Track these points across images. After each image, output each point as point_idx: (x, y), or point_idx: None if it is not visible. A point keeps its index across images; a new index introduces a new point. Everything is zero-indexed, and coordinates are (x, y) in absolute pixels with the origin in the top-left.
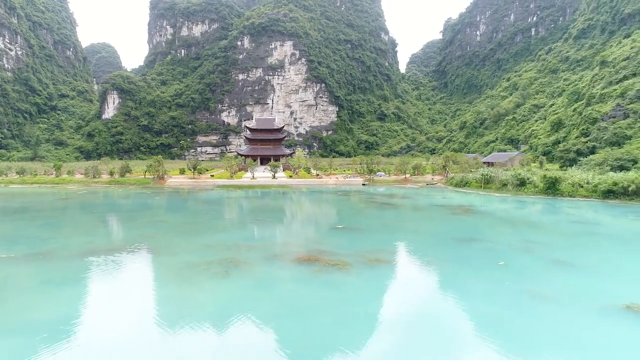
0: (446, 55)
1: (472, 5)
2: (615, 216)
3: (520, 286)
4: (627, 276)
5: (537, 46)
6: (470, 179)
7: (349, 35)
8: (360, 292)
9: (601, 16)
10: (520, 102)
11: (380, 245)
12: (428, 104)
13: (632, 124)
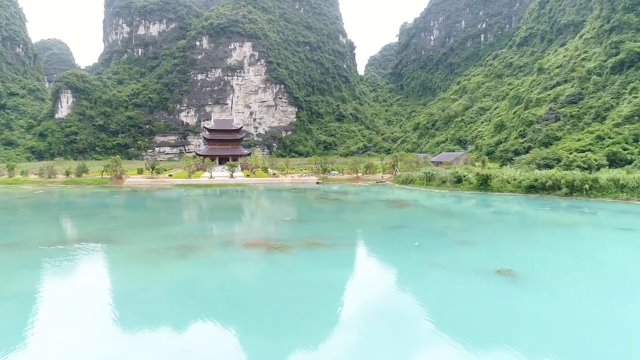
0: (402, 59)
1: (426, 11)
2: (527, 207)
3: (424, 259)
4: (508, 251)
5: (485, 52)
6: (414, 177)
7: (308, 37)
8: (296, 266)
9: (541, 25)
10: (469, 105)
11: (320, 233)
12: (385, 106)
13: (562, 126)
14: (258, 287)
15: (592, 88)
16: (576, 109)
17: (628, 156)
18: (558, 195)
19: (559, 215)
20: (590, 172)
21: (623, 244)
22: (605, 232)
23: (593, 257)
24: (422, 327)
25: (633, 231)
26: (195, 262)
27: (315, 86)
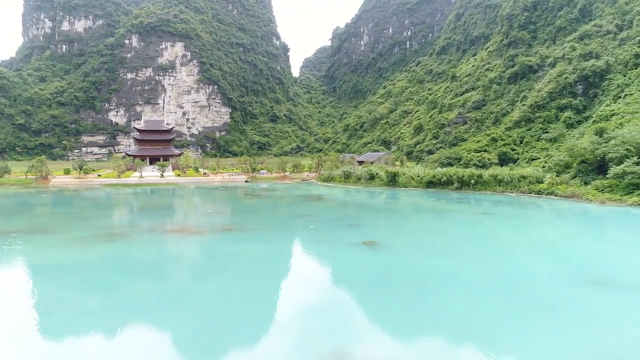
0: (335, 62)
1: (356, 17)
2: (420, 199)
3: (314, 237)
4: (381, 229)
5: (411, 58)
6: (335, 175)
7: (241, 39)
8: (211, 245)
9: (457, 36)
10: (393, 108)
11: (237, 221)
12: (318, 107)
13: (468, 129)
14: (176, 258)
15: (493, 95)
16: (480, 114)
17: (515, 155)
18: (451, 189)
19: (440, 204)
20: (485, 169)
21: (472, 223)
22: (466, 215)
23: (443, 232)
24: (303, 276)
25: (489, 214)
26: (123, 244)
27: (249, 87)
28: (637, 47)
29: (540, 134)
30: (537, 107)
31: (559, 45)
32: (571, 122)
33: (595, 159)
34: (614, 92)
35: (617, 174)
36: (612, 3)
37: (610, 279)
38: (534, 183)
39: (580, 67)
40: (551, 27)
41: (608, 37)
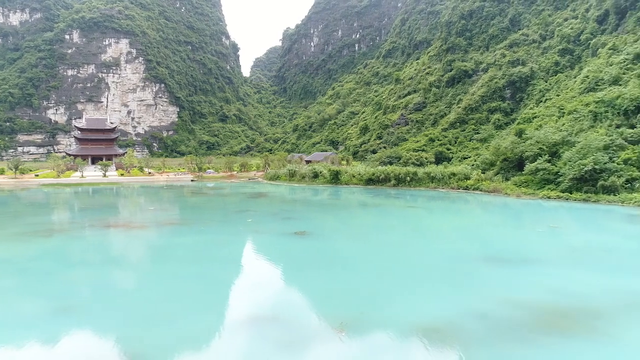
0: (285, 62)
1: (306, 18)
2: (358, 194)
3: (250, 229)
4: (313, 221)
5: (359, 60)
6: (280, 174)
7: (190, 37)
8: (151, 237)
9: (402, 40)
10: (341, 109)
11: (177, 217)
12: (269, 107)
13: (409, 130)
14: (115, 250)
15: (432, 98)
16: (421, 115)
17: (450, 154)
18: (388, 186)
19: (375, 199)
20: (423, 167)
21: (399, 215)
22: (396, 208)
23: (370, 223)
24: (236, 261)
25: (416, 208)
26: (61, 238)
27: (198, 86)
28: (557, 55)
29: (473, 135)
30: (471, 110)
31: (491, 52)
32: (500, 124)
33: (515, 157)
34: (537, 96)
35: (531, 170)
36: (537, 14)
37: (501, 256)
38: (463, 179)
39: (509, 72)
40: (485, 35)
41: (533, 46)
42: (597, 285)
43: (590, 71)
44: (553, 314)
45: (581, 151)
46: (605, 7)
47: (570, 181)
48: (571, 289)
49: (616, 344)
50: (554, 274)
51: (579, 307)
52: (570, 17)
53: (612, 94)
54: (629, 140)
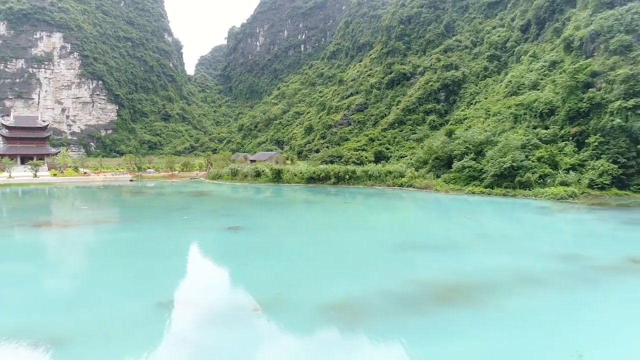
0: (231, 61)
1: (252, 17)
2: (298, 192)
3: (185, 225)
4: (249, 217)
5: (305, 61)
6: (223, 173)
7: (130, 33)
8: (82, 235)
9: (346, 42)
10: (287, 109)
11: (112, 215)
12: (214, 107)
13: (352, 130)
14: (44, 248)
15: (373, 99)
16: (362, 116)
17: (389, 154)
18: (328, 184)
19: (314, 196)
20: (363, 166)
21: (333, 210)
22: (330, 204)
23: (304, 217)
24: (167, 253)
25: (349, 204)
26: None
27: (139, 84)
28: (486, 61)
29: (410, 135)
30: (408, 111)
31: (428, 56)
32: (435, 125)
33: (445, 156)
34: (468, 99)
35: (458, 168)
36: (469, 22)
37: (416, 244)
38: (398, 177)
39: (443, 76)
40: (422, 40)
41: (465, 51)
42: (490, 266)
43: (514, 76)
44: (449, 289)
45: (502, 150)
46: (527, 18)
47: (492, 178)
48: (468, 269)
49: (497, 311)
50: (457, 257)
51: (472, 283)
52: (498, 25)
53: (530, 98)
54: (543, 140)
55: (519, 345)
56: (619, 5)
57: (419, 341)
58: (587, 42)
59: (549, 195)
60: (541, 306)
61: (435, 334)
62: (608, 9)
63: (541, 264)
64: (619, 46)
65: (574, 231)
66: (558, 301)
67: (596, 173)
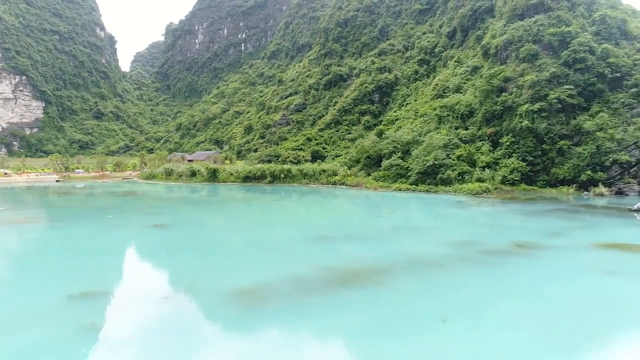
0: (168, 59)
1: (190, 14)
2: (232, 191)
3: (109, 224)
4: (179, 216)
5: (246, 60)
6: (157, 173)
7: (57, 25)
8: (6, 234)
9: (286, 43)
10: (226, 108)
11: (30, 215)
12: (151, 105)
13: (290, 130)
14: None
15: (312, 100)
16: (301, 116)
17: (325, 153)
18: (264, 183)
19: (247, 195)
20: (299, 165)
21: (262, 208)
22: (262, 202)
23: (231, 215)
24: (88, 252)
25: (280, 201)
26: None
27: (68, 80)
28: (416, 65)
29: (345, 135)
30: (344, 112)
31: (364, 58)
32: (369, 125)
33: (375, 155)
34: (399, 101)
35: (387, 166)
36: (402, 27)
37: (333, 236)
38: (331, 175)
39: (377, 78)
40: (358, 43)
41: (398, 55)
42: (395, 253)
43: (440, 80)
44: (353, 274)
45: (426, 149)
46: (453, 25)
47: (416, 175)
48: (375, 255)
49: (389, 290)
50: (368, 246)
51: (375, 268)
52: (427, 31)
53: (453, 101)
54: (462, 140)
55: (398, 315)
56: (528, 17)
57: (313, 316)
58: (501, 50)
59: (466, 190)
60: (427, 284)
61: (330, 310)
62: (519, 20)
63: (440, 250)
64: (527, 54)
65: (478, 222)
66: (443, 279)
67: (508, 170)
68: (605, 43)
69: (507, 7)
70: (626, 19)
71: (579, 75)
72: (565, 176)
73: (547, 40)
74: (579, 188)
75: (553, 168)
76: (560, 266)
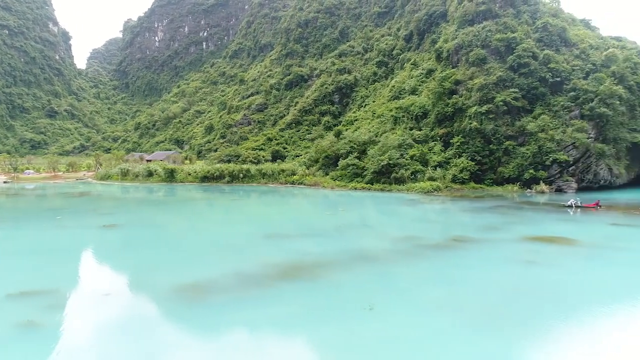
0: (127, 56)
1: (150, 11)
2: (190, 191)
3: (57, 224)
4: (129, 215)
5: (207, 59)
6: (112, 173)
7: (6, 20)
8: None
9: (248, 42)
10: (187, 108)
11: None
12: (108, 104)
13: (252, 130)
14: None
15: (273, 100)
16: (262, 116)
17: (285, 153)
18: (223, 183)
19: (203, 195)
20: (260, 165)
21: (217, 207)
22: (217, 201)
23: (184, 214)
24: (31, 252)
25: (237, 200)
26: None
27: (18, 77)
28: (375, 67)
29: (306, 135)
30: (305, 112)
31: (324, 59)
32: (329, 125)
33: (333, 154)
34: (359, 102)
35: (343, 166)
36: (361, 29)
37: (283, 233)
38: (290, 175)
39: (337, 79)
40: (319, 44)
41: (358, 57)
42: (338, 248)
43: (397, 82)
44: (294, 268)
45: (381, 149)
46: (410, 29)
47: (372, 174)
48: (318, 251)
49: (325, 282)
50: (314, 243)
51: (316, 262)
52: (386, 34)
53: (408, 102)
54: (416, 140)
55: (328, 305)
56: (477, 23)
57: (249, 308)
58: (452, 54)
59: (418, 189)
60: (361, 276)
61: (266, 301)
62: (469, 26)
63: (382, 245)
64: (476, 59)
65: (424, 218)
66: (377, 272)
67: (458, 169)
68: (547, 49)
69: (458, 12)
70: (566, 27)
71: (523, 79)
72: (510, 175)
73: (494, 45)
74: (522, 186)
75: (499, 167)
76: (487, 257)
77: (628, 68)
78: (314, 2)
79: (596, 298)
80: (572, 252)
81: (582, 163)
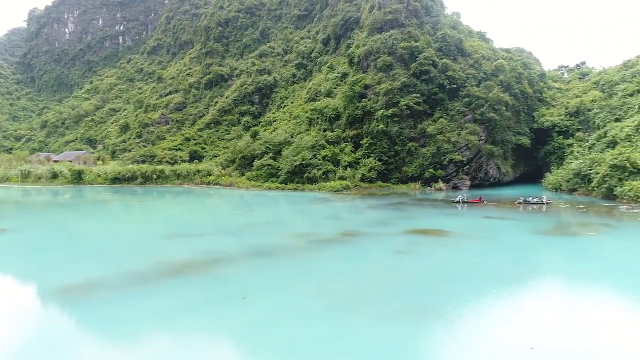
0: (32, 48)
1: (59, 1)
2: (97, 193)
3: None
4: (22, 219)
5: (124, 54)
6: (11, 175)
7: None
8: None
9: (168, 38)
10: (100, 105)
11: None
12: (10, 99)
13: (170, 129)
14: None
15: (192, 99)
16: (181, 115)
17: (204, 153)
18: (135, 184)
19: (111, 197)
20: (177, 165)
21: (120, 208)
22: (123, 203)
23: (83, 216)
24: None
25: (144, 202)
26: None
27: None
28: (294, 68)
29: (225, 135)
30: (224, 112)
31: (245, 59)
32: (249, 126)
33: (249, 155)
34: (278, 102)
35: (259, 166)
36: (282, 30)
37: (186, 233)
38: (206, 175)
39: (257, 80)
40: (239, 44)
41: (278, 58)
42: (233, 246)
43: (314, 84)
44: (186, 265)
45: (295, 149)
46: (328, 32)
47: (286, 174)
48: (214, 249)
49: (209, 277)
50: (211, 241)
51: (208, 259)
52: (305, 36)
53: (323, 104)
54: (329, 141)
55: (206, 296)
56: (385, 31)
57: (133, 303)
58: (363, 59)
59: (329, 188)
60: (246, 270)
61: (151, 296)
62: (378, 33)
63: (277, 241)
64: (383, 65)
65: (327, 215)
66: (264, 265)
67: (366, 169)
68: (445, 58)
69: (368, 20)
70: (462, 39)
71: (425, 85)
72: (413, 174)
73: (399, 52)
74: (424, 184)
75: (404, 167)
76: (365, 249)
77: (513, 77)
78: (235, 1)
79: (443, 281)
80: (439, 243)
81: (475, 162)
